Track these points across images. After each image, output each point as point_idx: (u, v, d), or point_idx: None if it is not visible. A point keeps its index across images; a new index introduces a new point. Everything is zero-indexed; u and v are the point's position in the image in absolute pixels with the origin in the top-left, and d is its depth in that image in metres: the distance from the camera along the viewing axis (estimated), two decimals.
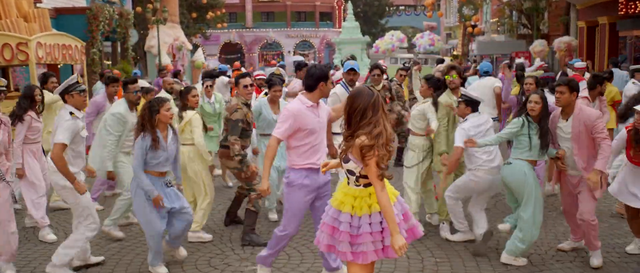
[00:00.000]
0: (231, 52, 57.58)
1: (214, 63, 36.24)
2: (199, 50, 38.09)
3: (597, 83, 7.82)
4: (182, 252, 5.96)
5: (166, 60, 28.92)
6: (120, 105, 6.70)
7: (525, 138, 5.54)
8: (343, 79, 7.27)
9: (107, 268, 5.80)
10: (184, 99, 6.71)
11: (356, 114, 3.72)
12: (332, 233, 3.89)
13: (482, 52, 32.09)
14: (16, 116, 6.59)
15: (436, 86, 6.74)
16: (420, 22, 68.68)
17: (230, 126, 6.38)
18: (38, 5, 18.74)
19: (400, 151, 10.37)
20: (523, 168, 5.53)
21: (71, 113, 5.38)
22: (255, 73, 11.76)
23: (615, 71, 12.33)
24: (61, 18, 21.71)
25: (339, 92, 7.01)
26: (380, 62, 12.08)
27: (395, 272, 5.55)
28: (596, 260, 5.54)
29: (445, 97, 6.61)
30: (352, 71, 7.10)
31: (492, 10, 39.31)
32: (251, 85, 6.77)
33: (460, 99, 6.16)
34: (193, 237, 6.55)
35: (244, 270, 5.64)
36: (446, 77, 6.58)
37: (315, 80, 4.85)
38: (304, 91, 4.99)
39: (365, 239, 3.74)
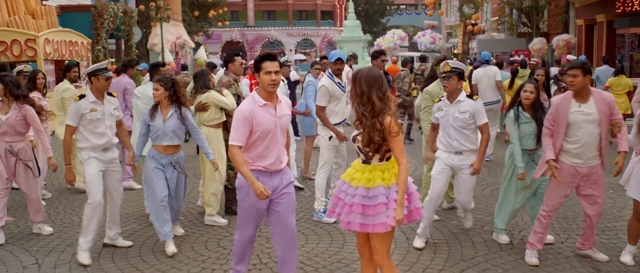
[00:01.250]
0: (233, 50, 57.73)
1: (216, 62, 36.49)
2: (202, 48, 38.26)
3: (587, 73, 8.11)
4: (178, 230, 6.49)
5: (169, 58, 29.18)
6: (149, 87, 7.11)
7: (516, 128, 5.79)
8: (330, 70, 7.17)
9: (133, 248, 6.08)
10: (204, 79, 6.98)
11: (372, 95, 3.99)
12: (364, 211, 4.00)
13: (483, 50, 32.34)
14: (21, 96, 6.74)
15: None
16: (421, 21, 68.87)
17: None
18: (44, 2, 19.04)
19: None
20: (510, 149, 5.91)
21: (80, 97, 5.78)
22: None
23: (604, 67, 14.05)
24: (66, 16, 21.97)
25: (327, 84, 6.93)
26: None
27: (395, 251, 5.84)
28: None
29: (435, 88, 7.01)
30: (339, 61, 7.14)
31: (492, 9, 39.58)
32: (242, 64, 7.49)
33: (449, 72, 5.73)
34: (209, 221, 6.89)
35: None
36: (436, 68, 6.85)
37: (255, 64, 4.44)
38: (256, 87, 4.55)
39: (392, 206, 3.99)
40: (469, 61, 31.86)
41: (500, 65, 11.85)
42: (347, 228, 4.10)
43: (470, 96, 5.89)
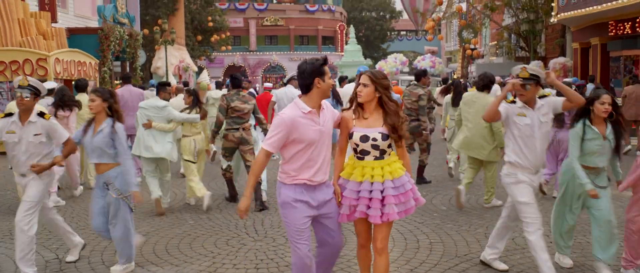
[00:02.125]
0: (235, 74, 58.34)
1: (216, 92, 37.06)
2: (205, 72, 38.42)
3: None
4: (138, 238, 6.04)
5: (172, 81, 29.71)
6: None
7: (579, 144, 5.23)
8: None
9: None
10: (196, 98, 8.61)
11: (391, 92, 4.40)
12: (398, 200, 4.23)
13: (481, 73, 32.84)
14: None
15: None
16: (421, 47, 69.60)
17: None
18: (54, 24, 19.57)
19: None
20: (567, 165, 5.47)
21: (6, 114, 5.58)
22: (264, 85, 14.99)
23: (589, 85, 14.78)
24: (74, 38, 22.39)
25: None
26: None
27: (394, 249, 6.22)
28: None
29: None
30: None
31: (491, 34, 40.20)
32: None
33: (528, 79, 5.02)
34: (208, 201, 8.10)
35: (258, 248, 6.31)
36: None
37: (309, 76, 4.16)
38: (300, 94, 4.33)
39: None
40: (468, 83, 32.31)
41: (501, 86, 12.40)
42: (384, 220, 4.20)
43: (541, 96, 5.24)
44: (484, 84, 8.09)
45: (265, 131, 8.56)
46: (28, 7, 18.10)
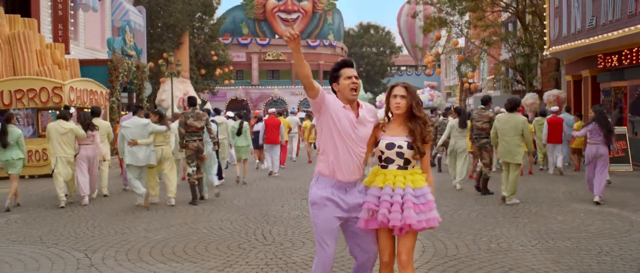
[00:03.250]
0: (237, 108, 59.42)
1: (220, 117, 37.89)
2: (208, 104, 39.76)
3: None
4: None
5: (177, 112, 30.45)
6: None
7: None
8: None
9: (169, 243, 7.11)
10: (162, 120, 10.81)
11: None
12: (417, 209, 4.16)
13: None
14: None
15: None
16: (421, 82, 70.60)
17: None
18: (66, 56, 20.42)
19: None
20: None
21: None
22: (269, 110, 16.63)
23: (565, 114, 16.31)
24: (85, 69, 23.21)
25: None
26: None
27: None
28: None
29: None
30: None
31: (488, 68, 41.19)
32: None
33: None
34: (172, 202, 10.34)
35: (267, 251, 6.96)
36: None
37: (330, 84, 4.38)
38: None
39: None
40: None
41: None
42: (404, 226, 4.12)
43: None
44: (512, 106, 10.29)
45: (215, 143, 11.00)
46: (44, 39, 18.98)
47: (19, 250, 7.18)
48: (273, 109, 16.46)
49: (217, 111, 15.50)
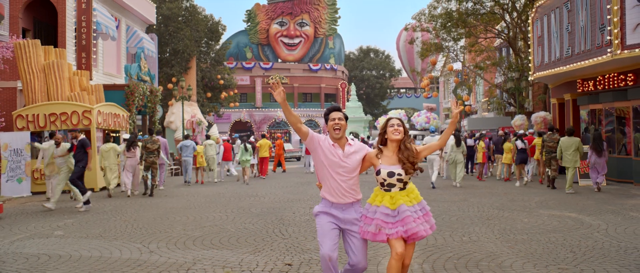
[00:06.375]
0: (241, 129, 61.12)
1: (209, 141, 39.66)
2: (214, 126, 41.53)
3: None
4: None
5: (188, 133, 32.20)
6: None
7: None
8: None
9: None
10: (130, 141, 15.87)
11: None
12: (426, 219, 5.09)
13: (473, 127, 35.53)
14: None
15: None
16: (420, 104, 72.41)
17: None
18: (91, 82, 22.26)
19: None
20: None
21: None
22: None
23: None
24: (104, 94, 25.08)
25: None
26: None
27: (382, 261, 8.57)
28: None
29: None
30: None
31: (484, 91, 43.09)
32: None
33: None
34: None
35: (287, 241, 8.68)
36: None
37: (324, 117, 5.32)
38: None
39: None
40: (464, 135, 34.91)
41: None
42: (421, 236, 4.96)
43: None
44: (570, 133, 15.67)
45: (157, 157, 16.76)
46: (72, 67, 20.83)
47: (88, 243, 8.94)
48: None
49: (207, 137, 19.20)
